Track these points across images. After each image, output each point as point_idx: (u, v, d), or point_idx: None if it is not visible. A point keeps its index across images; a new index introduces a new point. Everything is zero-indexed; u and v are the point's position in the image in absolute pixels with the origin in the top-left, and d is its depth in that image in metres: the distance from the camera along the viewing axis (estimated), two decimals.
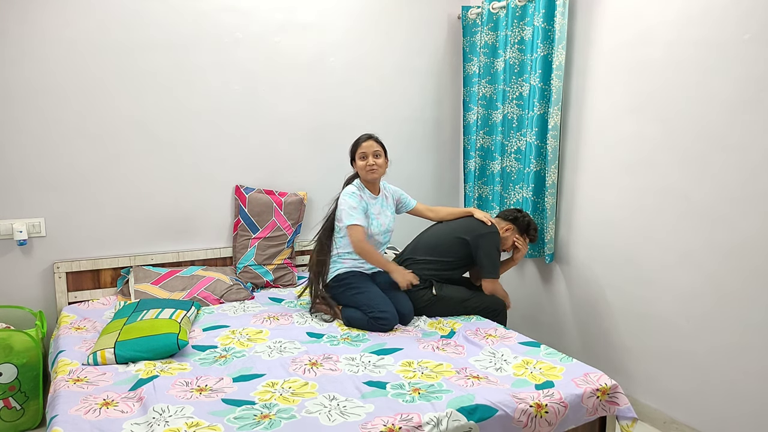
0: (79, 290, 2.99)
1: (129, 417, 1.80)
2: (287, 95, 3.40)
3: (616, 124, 2.82)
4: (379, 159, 2.80)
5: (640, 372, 2.80)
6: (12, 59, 2.75)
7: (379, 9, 3.58)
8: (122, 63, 2.97)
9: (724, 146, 2.35)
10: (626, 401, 2.08)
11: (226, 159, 3.28)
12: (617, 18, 2.78)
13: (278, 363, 2.20)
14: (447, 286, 2.83)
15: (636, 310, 2.80)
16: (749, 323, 2.32)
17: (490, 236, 2.84)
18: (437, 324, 2.67)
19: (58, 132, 2.88)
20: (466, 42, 3.72)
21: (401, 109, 3.75)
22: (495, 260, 2.86)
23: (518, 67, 3.29)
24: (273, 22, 3.30)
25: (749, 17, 2.23)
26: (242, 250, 3.28)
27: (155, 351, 2.23)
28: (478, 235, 2.83)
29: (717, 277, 2.43)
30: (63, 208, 2.93)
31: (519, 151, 3.34)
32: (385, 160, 2.84)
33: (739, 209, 2.32)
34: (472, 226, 2.87)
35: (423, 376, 2.09)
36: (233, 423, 1.75)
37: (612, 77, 2.83)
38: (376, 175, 2.81)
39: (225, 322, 2.67)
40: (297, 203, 3.38)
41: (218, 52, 3.18)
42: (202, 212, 3.27)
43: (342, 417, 1.79)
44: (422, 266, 2.83)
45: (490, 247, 2.83)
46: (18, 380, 2.51)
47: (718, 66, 2.35)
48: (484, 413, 1.83)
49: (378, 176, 2.83)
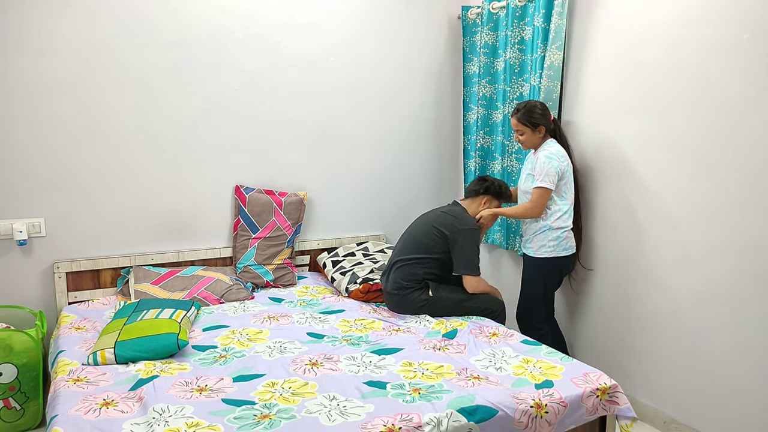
0: (79, 290, 2.99)
1: (129, 417, 1.80)
2: (287, 95, 3.40)
3: (616, 124, 2.82)
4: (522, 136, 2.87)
5: (640, 372, 2.80)
6: (12, 59, 2.75)
7: (379, 9, 3.58)
8: (122, 63, 2.97)
9: (725, 146, 2.35)
10: (626, 401, 2.08)
11: (226, 159, 3.28)
12: (617, 18, 2.78)
13: (278, 363, 2.20)
14: (443, 286, 2.80)
15: (636, 309, 2.80)
16: (749, 323, 2.32)
17: (467, 233, 2.76)
18: (440, 323, 2.67)
19: (58, 132, 2.88)
20: (466, 42, 3.72)
21: (401, 109, 3.75)
22: (472, 256, 2.76)
23: (518, 67, 3.29)
24: (273, 22, 3.30)
25: (749, 17, 2.23)
26: (242, 250, 3.28)
27: (155, 351, 2.23)
28: (456, 231, 2.75)
29: (717, 277, 2.43)
30: (63, 208, 2.93)
31: (519, 151, 3.34)
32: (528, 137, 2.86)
33: (739, 209, 2.32)
34: (451, 221, 2.79)
35: (423, 376, 2.09)
36: (233, 423, 1.75)
37: (612, 77, 2.83)
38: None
39: (225, 322, 2.67)
40: (297, 203, 3.38)
41: (218, 52, 3.18)
42: (202, 212, 3.27)
43: (342, 417, 1.79)
44: (414, 266, 2.79)
45: (466, 244, 2.74)
46: (18, 380, 2.51)
47: (718, 66, 2.35)
48: (485, 414, 1.83)
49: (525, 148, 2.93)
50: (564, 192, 2.80)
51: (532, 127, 2.81)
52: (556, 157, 2.75)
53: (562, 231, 2.81)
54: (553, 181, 2.73)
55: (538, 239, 2.84)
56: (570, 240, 2.84)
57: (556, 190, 2.78)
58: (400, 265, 2.82)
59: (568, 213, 2.82)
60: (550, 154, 2.75)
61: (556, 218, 2.79)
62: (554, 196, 2.79)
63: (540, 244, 2.84)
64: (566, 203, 2.81)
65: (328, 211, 3.60)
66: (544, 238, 2.82)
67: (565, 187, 2.80)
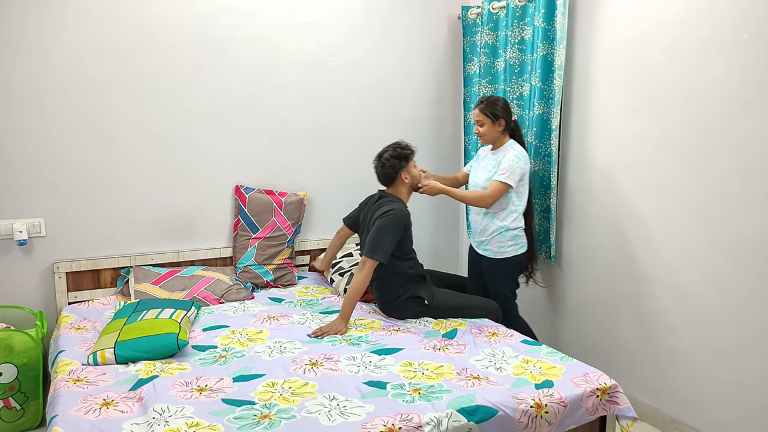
0: (79, 290, 2.99)
1: (129, 417, 1.80)
2: (287, 95, 3.40)
3: (617, 124, 2.82)
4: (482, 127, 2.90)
5: (640, 372, 2.80)
6: (12, 60, 2.75)
7: (379, 9, 3.58)
8: (122, 63, 2.97)
9: (725, 146, 2.35)
10: (626, 401, 2.08)
11: (226, 159, 3.28)
12: (617, 18, 2.78)
13: (278, 363, 2.20)
14: (438, 292, 2.80)
15: (636, 309, 2.80)
16: (749, 323, 2.32)
17: (385, 218, 2.63)
18: (440, 323, 2.67)
19: (58, 132, 2.88)
20: (466, 42, 3.72)
21: (401, 109, 3.75)
22: (378, 240, 2.60)
23: (518, 67, 3.29)
24: (273, 22, 3.30)
25: (748, 17, 2.23)
26: (242, 250, 3.28)
27: (155, 351, 2.23)
28: (380, 215, 2.67)
29: (717, 277, 2.43)
30: (63, 208, 2.93)
31: None
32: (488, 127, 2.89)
33: (739, 209, 2.32)
34: (382, 207, 2.70)
35: (423, 376, 2.09)
36: (233, 423, 1.75)
37: (612, 77, 2.83)
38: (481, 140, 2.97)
39: (225, 322, 2.67)
40: (297, 203, 3.38)
41: (218, 52, 3.18)
42: (202, 212, 3.27)
43: (342, 417, 1.79)
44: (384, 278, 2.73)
45: (380, 226, 2.63)
46: (18, 380, 2.51)
47: (718, 66, 2.35)
48: (485, 414, 1.83)
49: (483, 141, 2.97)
50: (522, 192, 2.87)
51: (493, 119, 2.85)
52: (523, 159, 2.82)
53: (518, 230, 2.89)
54: (515, 181, 2.79)
55: (496, 240, 2.89)
56: (523, 238, 2.93)
57: (516, 190, 2.83)
58: (375, 284, 2.79)
59: (522, 214, 2.91)
60: (519, 155, 2.81)
61: (513, 219, 2.86)
62: (513, 196, 2.84)
63: (500, 245, 2.89)
64: (522, 204, 2.89)
65: (328, 211, 3.60)
66: (503, 239, 2.88)
67: (523, 188, 2.87)
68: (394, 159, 2.76)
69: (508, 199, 2.84)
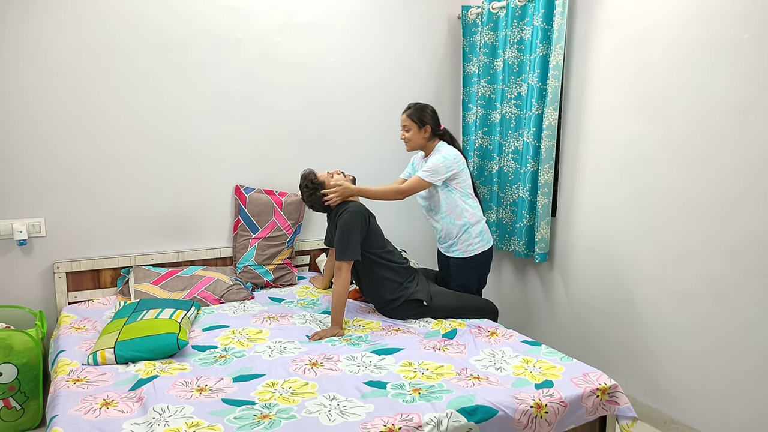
0: (79, 290, 2.99)
1: (129, 417, 1.80)
2: (287, 95, 3.40)
3: (616, 124, 2.82)
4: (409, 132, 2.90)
5: (640, 372, 2.80)
6: (11, 60, 2.75)
7: (379, 9, 3.58)
8: (122, 63, 2.97)
9: (725, 146, 2.35)
10: (626, 401, 2.08)
11: (226, 159, 3.28)
12: (617, 18, 2.78)
13: (278, 363, 2.20)
14: (436, 292, 2.80)
15: (636, 309, 2.80)
16: (749, 323, 2.32)
17: (343, 217, 2.65)
18: (440, 323, 2.67)
19: (58, 132, 2.88)
20: (465, 42, 3.72)
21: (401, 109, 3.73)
22: (345, 240, 2.59)
23: (517, 67, 3.29)
24: (273, 22, 3.30)
25: (749, 17, 2.23)
26: (242, 250, 3.28)
27: (155, 351, 2.23)
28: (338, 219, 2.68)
29: (716, 276, 2.43)
30: (63, 208, 2.93)
31: (516, 151, 3.34)
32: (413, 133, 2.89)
33: (739, 209, 2.32)
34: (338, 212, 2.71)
35: (423, 376, 2.09)
36: (233, 423, 1.75)
37: (612, 77, 2.83)
38: (407, 147, 2.95)
39: (225, 322, 2.67)
40: (297, 203, 3.38)
41: (218, 52, 3.18)
42: (202, 212, 3.27)
43: (342, 417, 1.79)
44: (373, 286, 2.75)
45: (342, 227, 2.63)
46: (18, 380, 2.51)
47: (718, 66, 2.35)
48: (485, 414, 1.83)
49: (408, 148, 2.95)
50: (465, 189, 2.87)
51: (419, 125, 2.86)
52: (451, 158, 2.81)
53: (480, 224, 2.90)
54: (436, 180, 2.79)
55: (463, 240, 2.89)
56: (488, 233, 2.95)
57: (459, 186, 2.84)
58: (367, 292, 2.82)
59: (477, 206, 2.91)
60: (447, 155, 2.82)
61: (471, 213, 2.87)
62: (455, 195, 2.85)
63: (467, 243, 2.89)
64: (470, 200, 2.89)
65: None
66: (469, 237, 2.88)
67: (464, 184, 2.87)
68: (312, 195, 2.78)
69: (452, 199, 2.84)
